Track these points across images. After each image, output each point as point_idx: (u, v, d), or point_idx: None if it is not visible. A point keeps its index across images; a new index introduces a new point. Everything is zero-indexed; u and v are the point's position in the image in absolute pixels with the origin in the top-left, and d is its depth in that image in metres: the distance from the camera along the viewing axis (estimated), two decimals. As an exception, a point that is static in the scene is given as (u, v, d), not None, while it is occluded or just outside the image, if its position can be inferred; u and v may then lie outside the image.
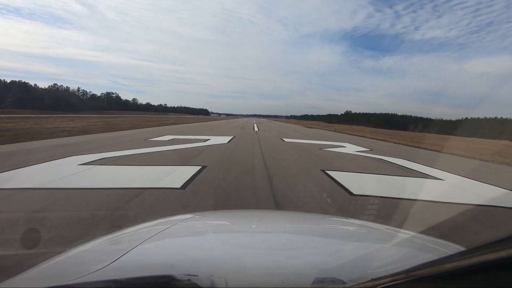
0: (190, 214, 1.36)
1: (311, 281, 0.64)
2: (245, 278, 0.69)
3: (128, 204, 3.41)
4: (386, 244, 1.08)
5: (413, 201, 4.28)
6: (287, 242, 1.04)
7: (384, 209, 3.77)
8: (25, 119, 21.73)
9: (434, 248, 0.99)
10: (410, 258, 0.95)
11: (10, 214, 2.99)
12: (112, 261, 0.74)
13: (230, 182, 4.78)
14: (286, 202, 3.87)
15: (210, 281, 0.62)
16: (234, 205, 3.68)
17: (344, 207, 3.79)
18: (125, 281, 0.61)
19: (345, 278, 0.64)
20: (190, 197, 3.83)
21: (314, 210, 3.60)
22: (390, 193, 4.60)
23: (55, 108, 77.88)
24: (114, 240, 1.05)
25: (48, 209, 3.13)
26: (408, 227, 2.95)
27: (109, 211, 3.16)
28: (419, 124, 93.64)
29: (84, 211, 3.12)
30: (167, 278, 0.60)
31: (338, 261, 0.85)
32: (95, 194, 3.77)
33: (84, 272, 0.68)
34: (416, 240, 1.11)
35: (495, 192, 5.30)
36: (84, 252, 0.94)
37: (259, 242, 1.02)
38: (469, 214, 3.79)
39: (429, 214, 3.74)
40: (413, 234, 1.18)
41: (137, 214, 3.09)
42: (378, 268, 0.79)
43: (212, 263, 0.76)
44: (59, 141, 9.38)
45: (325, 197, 4.18)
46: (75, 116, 38.87)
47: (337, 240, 1.16)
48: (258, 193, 4.19)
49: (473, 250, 0.41)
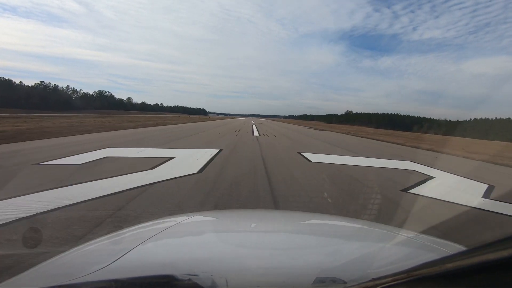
0: (191, 214, 1.34)
1: (312, 281, 0.63)
2: (246, 278, 0.68)
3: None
4: (387, 244, 1.07)
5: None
6: (288, 242, 1.04)
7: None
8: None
9: (435, 248, 0.99)
10: (411, 257, 0.94)
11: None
12: (113, 261, 0.73)
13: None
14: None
15: (211, 280, 0.61)
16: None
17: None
18: (126, 280, 0.61)
19: (346, 278, 0.64)
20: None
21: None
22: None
23: (43, 108, 75.08)
24: (115, 240, 1.05)
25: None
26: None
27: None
28: (424, 124, 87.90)
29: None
30: (168, 278, 0.61)
31: (339, 261, 0.85)
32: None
33: (85, 272, 0.68)
34: (417, 239, 1.10)
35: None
36: (84, 252, 0.94)
37: (260, 242, 1.02)
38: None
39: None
40: (414, 233, 1.16)
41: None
42: (379, 267, 0.78)
43: (213, 263, 0.76)
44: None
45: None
46: (51, 116, 33.72)
47: (338, 240, 1.15)
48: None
49: (474, 250, 0.41)
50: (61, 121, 21.96)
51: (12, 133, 10.79)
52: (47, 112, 57.59)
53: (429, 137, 35.18)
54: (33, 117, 28.68)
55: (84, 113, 63.46)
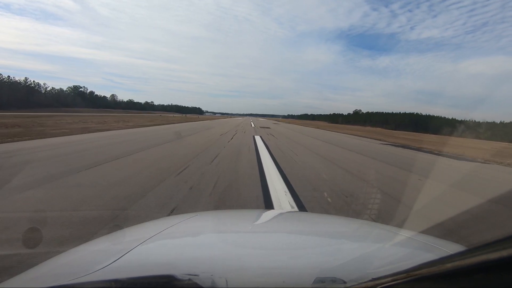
0: (191, 214, 1.35)
1: (312, 280, 0.64)
2: (246, 278, 0.68)
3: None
4: (386, 244, 1.07)
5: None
6: (288, 241, 1.04)
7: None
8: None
9: (435, 248, 0.99)
10: (411, 257, 0.95)
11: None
12: (112, 261, 0.74)
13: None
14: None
15: (211, 280, 0.62)
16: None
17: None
18: (126, 281, 0.61)
19: (346, 277, 0.64)
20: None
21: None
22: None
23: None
24: (115, 240, 1.05)
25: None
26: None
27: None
28: (458, 126, 73.29)
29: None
30: (168, 278, 0.61)
31: (339, 260, 0.85)
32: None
33: (85, 272, 0.68)
34: (417, 239, 1.10)
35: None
36: (84, 252, 0.95)
37: (259, 242, 1.02)
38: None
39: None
40: (414, 233, 1.17)
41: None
42: (379, 267, 0.78)
43: (213, 263, 0.76)
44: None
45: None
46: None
47: (338, 240, 1.16)
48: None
49: (473, 250, 0.41)
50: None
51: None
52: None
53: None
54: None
55: (45, 111, 49.49)
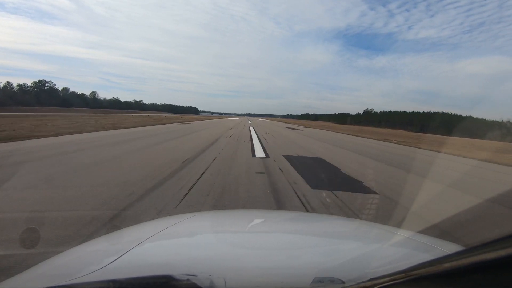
0: (190, 214, 1.34)
1: (310, 280, 0.64)
2: (245, 278, 0.68)
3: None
4: (385, 244, 1.08)
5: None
6: (286, 241, 1.04)
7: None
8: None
9: (433, 248, 0.99)
10: (409, 257, 0.95)
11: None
12: (111, 261, 0.73)
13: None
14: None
15: (210, 281, 0.62)
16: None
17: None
18: (124, 281, 0.61)
19: (344, 277, 0.64)
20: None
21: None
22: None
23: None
24: (113, 240, 1.05)
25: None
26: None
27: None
28: (497, 129, 63.75)
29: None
30: (166, 278, 0.61)
31: (337, 260, 0.85)
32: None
33: (83, 272, 0.68)
34: (415, 239, 1.11)
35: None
36: (82, 252, 0.94)
37: (258, 242, 1.02)
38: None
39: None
40: (412, 233, 1.17)
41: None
42: (377, 267, 0.78)
43: (211, 263, 0.76)
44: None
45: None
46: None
47: (336, 240, 1.16)
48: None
49: (471, 250, 0.41)
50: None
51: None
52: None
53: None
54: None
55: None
